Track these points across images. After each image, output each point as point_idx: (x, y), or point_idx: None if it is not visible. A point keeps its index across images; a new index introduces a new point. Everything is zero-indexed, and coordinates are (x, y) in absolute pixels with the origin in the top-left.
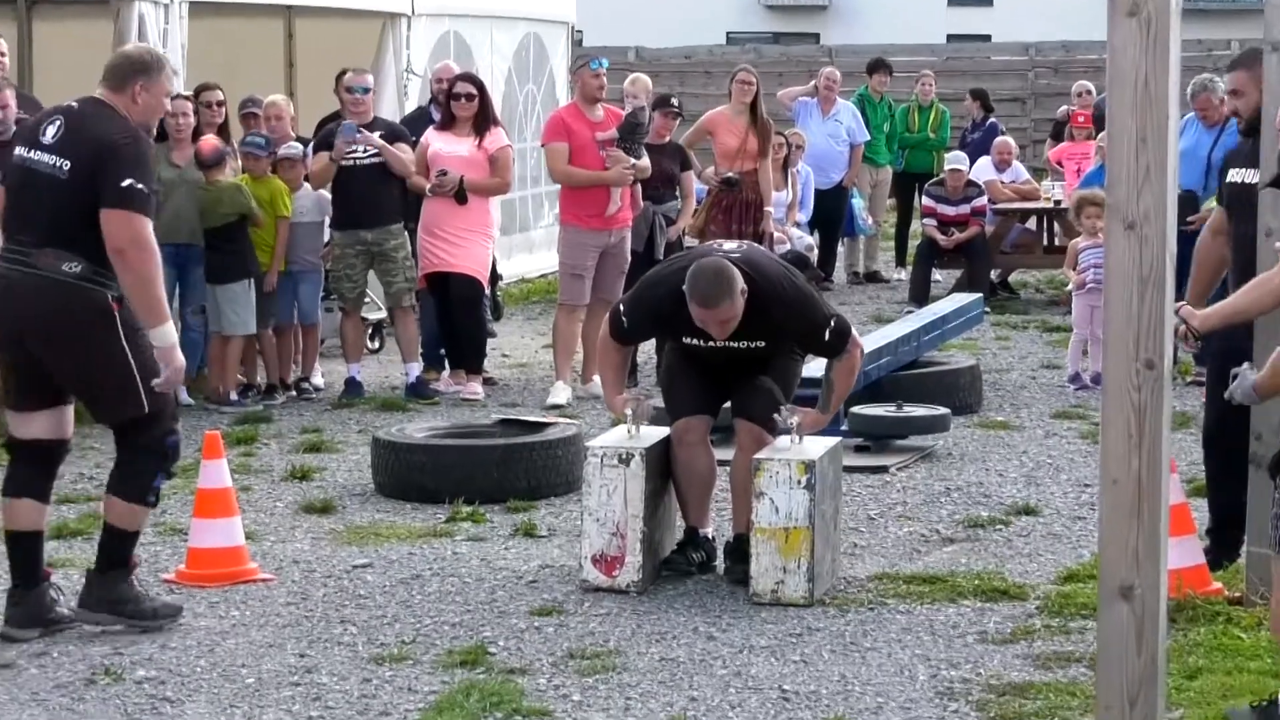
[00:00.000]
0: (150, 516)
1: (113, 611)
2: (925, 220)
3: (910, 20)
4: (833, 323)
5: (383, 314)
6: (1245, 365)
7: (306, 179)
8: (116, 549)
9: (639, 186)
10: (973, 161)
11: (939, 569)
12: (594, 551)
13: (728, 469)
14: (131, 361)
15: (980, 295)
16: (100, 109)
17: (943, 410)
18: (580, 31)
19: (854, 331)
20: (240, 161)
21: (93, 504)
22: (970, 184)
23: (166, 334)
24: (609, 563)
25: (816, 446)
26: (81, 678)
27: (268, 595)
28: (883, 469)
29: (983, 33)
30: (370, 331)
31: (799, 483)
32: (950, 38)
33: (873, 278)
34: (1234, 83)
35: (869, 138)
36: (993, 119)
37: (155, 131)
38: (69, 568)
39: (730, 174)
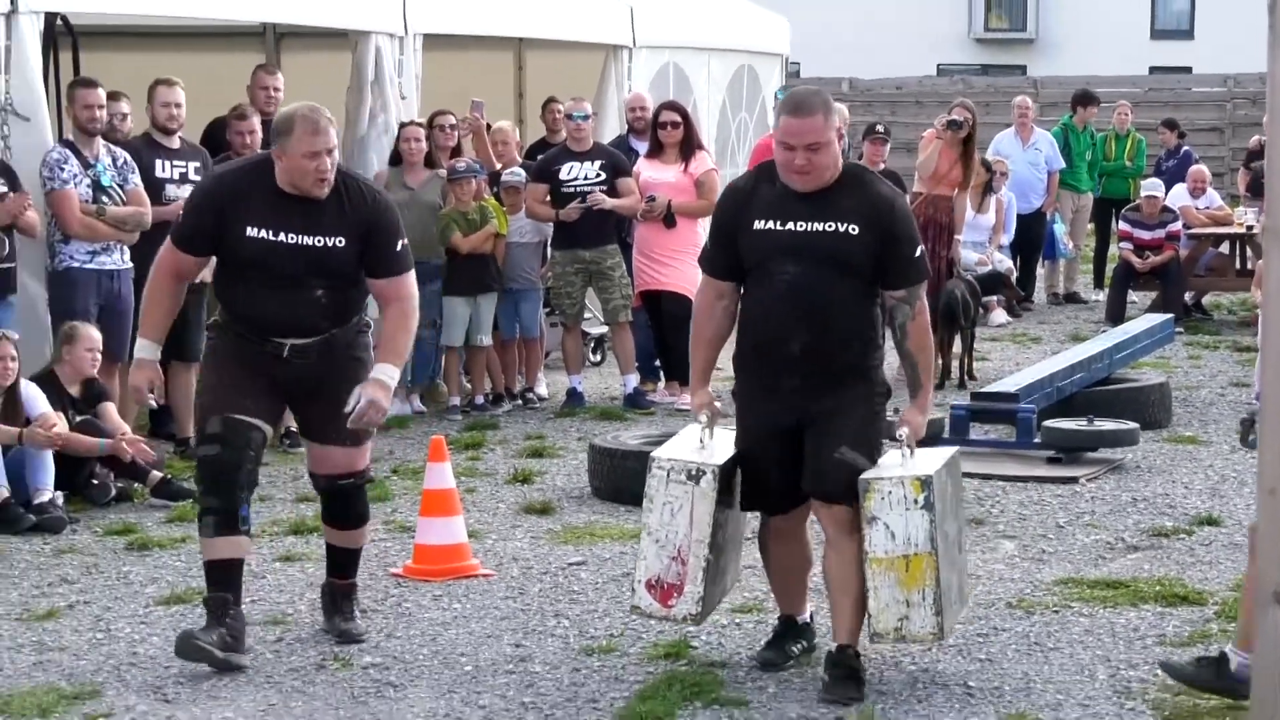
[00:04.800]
0: (218, 549)
1: None
2: (1122, 244)
3: (1113, 52)
4: (921, 248)
5: (603, 329)
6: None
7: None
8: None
9: None
10: (1168, 188)
11: (1122, 575)
12: (650, 575)
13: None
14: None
15: (1171, 316)
16: None
17: (1132, 425)
18: (796, 64)
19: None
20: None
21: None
22: (1165, 210)
23: (138, 349)
24: (665, 590)
25: (933, 459)
26: (313, 663)
27: (487, 590)
28: (1073, 480)
29: (1184, 65)
30: (591, 345)
31: (915, 503)
32: (1152, 69)
33: (1072, 298)
34: None
35: (1064, 165)
36: (1186, 147)
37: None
38: (304, 561)
39: (954, 118)
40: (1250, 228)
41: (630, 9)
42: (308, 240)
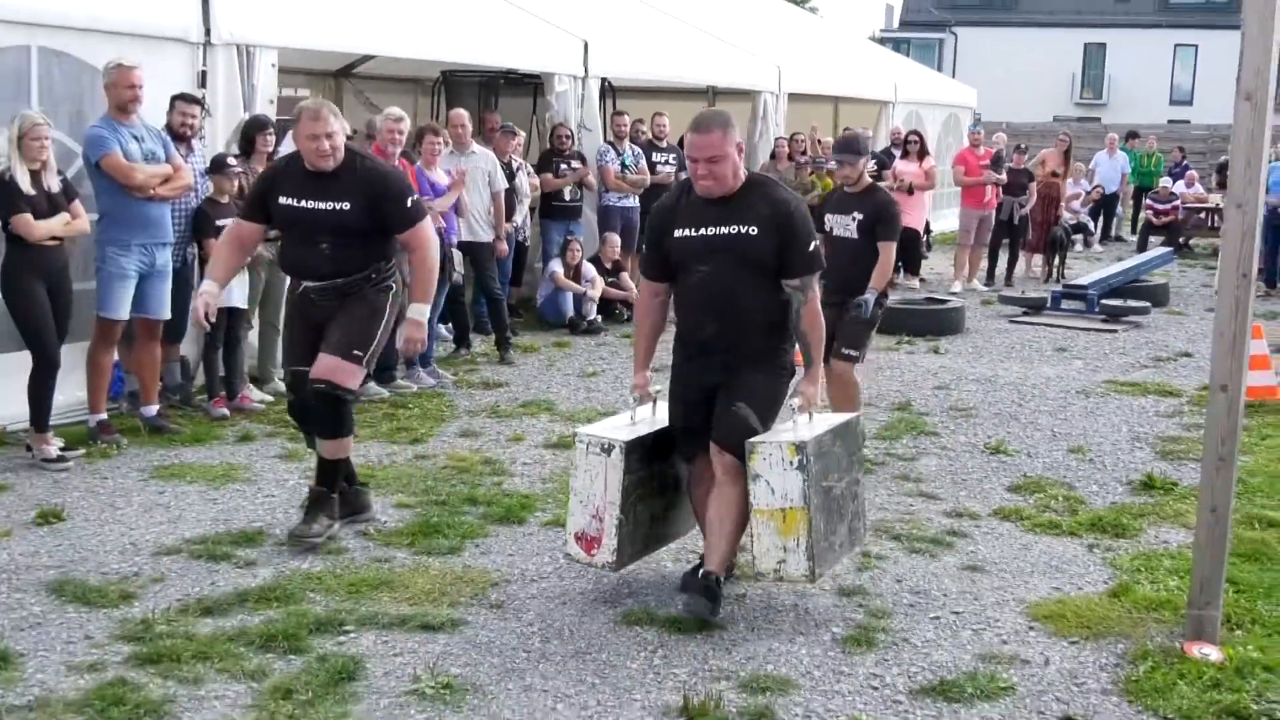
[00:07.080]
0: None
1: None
2: (1146, 210)
3: (1147, 111)
4: (815, 243)
5: None
6: (856, 299)
7: None
8: None
9: (999, 189)
10: (1174, 182)
11: (1138, 379)
12: (577, 529)
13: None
14: None
15: (1172, 249)
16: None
17: (1146, 304)
18: (979, 112)
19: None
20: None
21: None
22: (1171, 194)
23: (203, 286)
24: (589, 542)
25: (822, 426)
26: None
27: None
28: (1113, 331)
29: (1185, 118)
30: None
31: (791, 464)
32: (1170, 121)
33: (1119, 239)
34: None
35: (1129, 170)
36: (1186, 161)
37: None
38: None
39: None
40: (1218, 204)
41: (895, 84)
42: (321, 205)
